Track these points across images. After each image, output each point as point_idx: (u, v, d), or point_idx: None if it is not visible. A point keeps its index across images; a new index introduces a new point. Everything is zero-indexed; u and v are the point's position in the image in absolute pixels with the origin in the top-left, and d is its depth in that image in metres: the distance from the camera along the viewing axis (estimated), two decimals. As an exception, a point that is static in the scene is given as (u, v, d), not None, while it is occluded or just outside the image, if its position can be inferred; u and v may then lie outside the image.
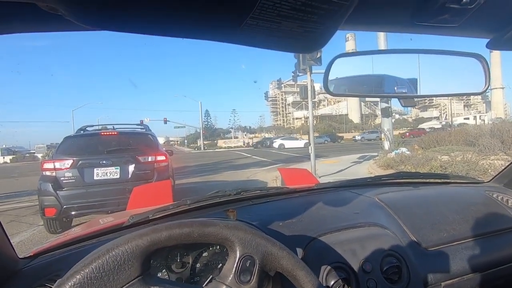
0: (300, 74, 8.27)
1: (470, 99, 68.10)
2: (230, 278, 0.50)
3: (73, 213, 3.91)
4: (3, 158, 39.19)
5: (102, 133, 4.58)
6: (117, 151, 4.25)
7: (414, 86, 0.78)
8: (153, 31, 0.33)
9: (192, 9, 0.30)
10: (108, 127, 5.26)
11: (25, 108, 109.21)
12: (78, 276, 0.42)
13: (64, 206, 3.83)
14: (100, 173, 4.05)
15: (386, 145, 10.44)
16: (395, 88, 0.81)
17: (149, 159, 4.29)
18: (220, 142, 50.90)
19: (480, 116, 44.15)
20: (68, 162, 3.97)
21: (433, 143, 10.07)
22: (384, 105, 10.78)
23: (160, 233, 0.47)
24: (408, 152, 8.95)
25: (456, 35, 0.54)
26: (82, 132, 4.99)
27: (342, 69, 0.76)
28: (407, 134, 34.29)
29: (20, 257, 0.71)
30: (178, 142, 66.17)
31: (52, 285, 0.62)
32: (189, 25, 0.33)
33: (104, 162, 4.08)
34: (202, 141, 45.57)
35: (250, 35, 0.35)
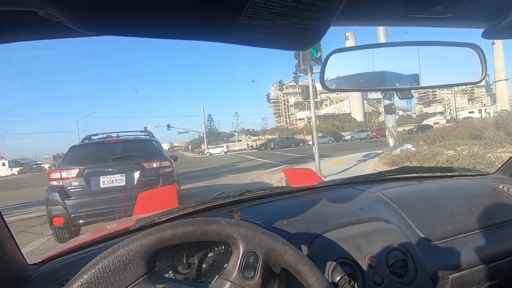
0: (301, 74, 8.26)
1: (474, 92, 67.40)
2: (234, 275, 0.50)
3: (80, 221, 3.95)
4: (11, 170, 39.73)
5: (107, 141, 4.63)
6: (122, 158, 4.29)
7: (415, 80, 0.78)
8: (150, 33, 0.33)
9: (186, 10, 0.31)
10: (113, 135, 5.30)
11: (30, 120, 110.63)
12: (85, 277, 0.43)
13: (72, 215, 3.87)
14: (106, 181, 4.09)
15: (391, 142, 10.37)
16: (397, 84, 0.81)
17: (154, 165, 4.32)
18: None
19: (485, 109, 43.67)
20: (75, 171, 4.01)
21: (439, 138, 9.99)
22: (387, 102, 10.72)
23: (164, 232, 0.47)
24: (413, 149, 8.88)
25: (450, 26, 0.54)
26: (87, 141, 5.04)
27: (340, 65, 0.75)
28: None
29: (30, 263, 0.73)
30: (182, 148, 66.48)
31: None
32: (184, 26, 0.34)
33: (109, 169, 4.12)
34: (206, 146, 45.76)
35: (244, 34, 0.36)
